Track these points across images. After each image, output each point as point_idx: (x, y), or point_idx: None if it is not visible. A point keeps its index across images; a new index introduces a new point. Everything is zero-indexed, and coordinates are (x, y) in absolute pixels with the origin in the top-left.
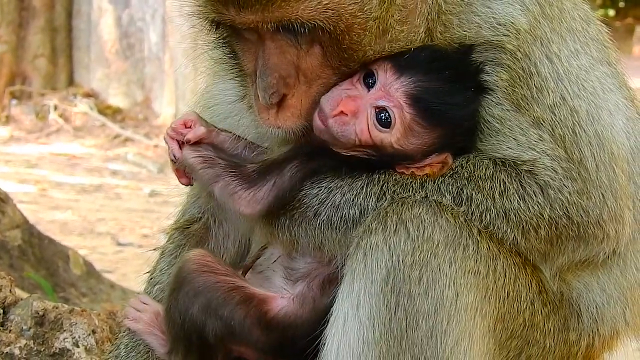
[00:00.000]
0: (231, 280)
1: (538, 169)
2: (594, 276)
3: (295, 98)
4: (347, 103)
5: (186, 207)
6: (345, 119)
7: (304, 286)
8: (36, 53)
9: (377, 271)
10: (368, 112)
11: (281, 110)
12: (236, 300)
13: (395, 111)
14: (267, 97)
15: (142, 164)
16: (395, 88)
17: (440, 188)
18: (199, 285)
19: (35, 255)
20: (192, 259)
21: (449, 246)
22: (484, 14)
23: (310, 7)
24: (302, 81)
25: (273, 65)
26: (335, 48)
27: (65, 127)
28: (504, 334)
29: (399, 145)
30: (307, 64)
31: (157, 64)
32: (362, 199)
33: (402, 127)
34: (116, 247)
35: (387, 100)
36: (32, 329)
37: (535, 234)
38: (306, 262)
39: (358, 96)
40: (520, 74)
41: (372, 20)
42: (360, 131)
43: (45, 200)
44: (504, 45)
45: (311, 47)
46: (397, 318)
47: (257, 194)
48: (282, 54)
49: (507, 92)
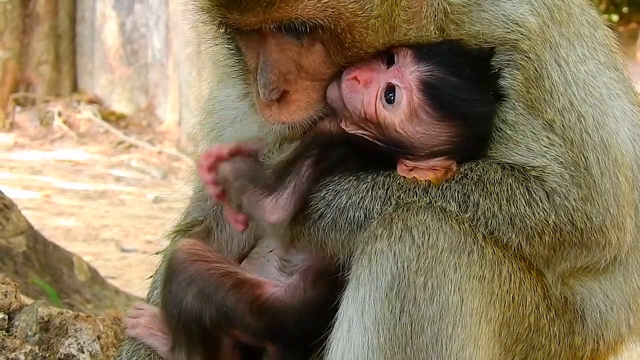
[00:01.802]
0: (223, 266)
1: (547, 175)
2: (597, 281)
3: (299, 93)
4: (363, 72)
5: (189, 210)
6: (357, 86)
7: (297, 276)
8: (40, 60)
9: (382, 277)
10: (380, 86)
11: (284, 105)
12: (228, 285)
13: (404, 92)
14: (266, 93)
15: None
16: (410, 71)
17: (446, 193)
18: (191, 273)
19: (40, 261)
20: (181, 248)
21: (453, 252)
22: (493, 12)
23: (309, 6)
24: (303, 77)
25: (273, 61)
26: (338, 46)
27: (69, 134)
28: (509, 339)
29: (403, 130)
30: (309, 62)
31: (161, 70)
32: (367, 202)
33: (408, 110)
34: (120, 253)
35: (399, 80)
36: (37, 335)
37: (539, 239)
38: (302, 258)
39: (376, 70)
40: (533, 74)
41: (374, 18)
42: (367, 102)
43: (49, 207)
44: (518, 44)
45: (313, 45)
46: (402, 324)
47: (279, 201)
48: (283, 51)
49: (521, 94)
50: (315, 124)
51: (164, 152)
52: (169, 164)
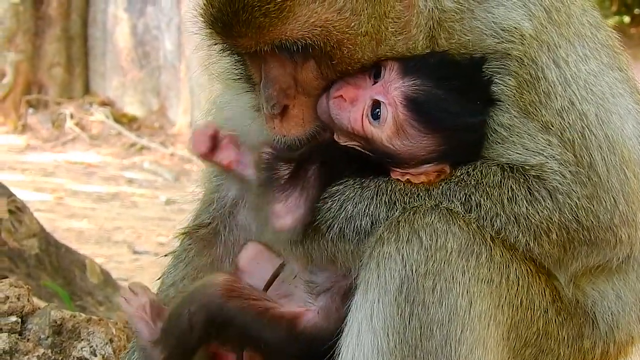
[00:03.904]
0: (259, 304)
1: (546, 174)
2: (609, 282)
3: (296, 108)
4: (349, 90)
5: (198, 212)
6: (343, 103)
7: (327, 298)
8: (52, 62)
9: (391, 281)
10: (365, 104)
11: (285, 120)
12: (267, 320)
13: (389, 109)
14: (269, 108)
15: (158, 172)
16: (395, 87)
17: (449, 195)
18: (229, 310)
19: (52, 264)
20: (218, 283)
21: (462, 254)
22: (485, 20)
23: (297, 27)
24: (301, 92)
25: (273, 77)
26: (329, 62)
27: (81, 136)
28: (517, 342)
29: (390, 144)
30: (304, 77)
31: (173, 72)
32: (373, 209)
33: (395, 126)
34: (132, 256)
35: (383, 97)
36: (50, 338)
37: (547, 238)
38: (325, 275)
39: (362, 86)
40: (527, 79)
41: (361, 35)
42: (353, 119)
43: (61, 209)
44: (510, 52)
45: (306, 62)
46: (412, 327)
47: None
48: (281, 67)
49: (514, 99)
50: (315, 137)
51: (176, 154)
52: (181, 166)
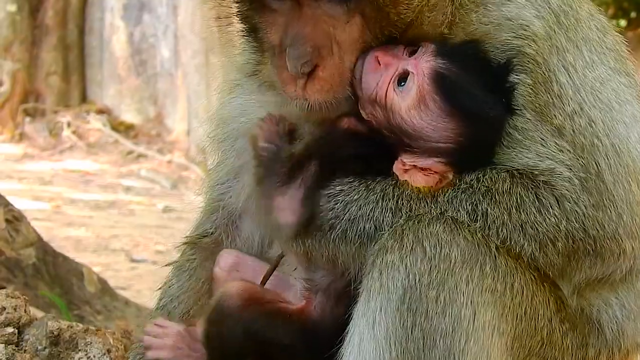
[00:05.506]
0: (273, 307)
1: (555, 180)
2: (613, 293)
3: (326, 71)
4: (386, 56)
5: (200, 222)
6: (377, 65)
7: (323, 297)
8: (49, 70)
9: (394, 290)
10: (396, 70)
11: (310, 82)
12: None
13: (416, 78)
14: (298, 66)
15: (156, 179)
16: (426, 60)
17: (455, 203)
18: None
19: (50, 273)
20: (233, 292)
21: (466, 264)
22: (499, 14)
23: None
24: (335, 52)
25: (308, 33)
26: (378, 20)
27: (78, 144)
28: (521, 352)
29: (409, 117)
30: (345, 35)
31: (170, 80)
32: (377, 213)
33: (417, 96)
34: (130, 264)
35: (414, 68)
36: (47, 349)
37: (552, 247)
38: (322, 275)
39: (397, 56)
40: (541, 79)
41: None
42: (381, 83)
43: (59, 217)
44: (524, 49)
45: (352, 18)
46: (414, 337)
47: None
48: (318, 23)
49: (529, 99)
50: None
51: (174, 161)
52: (178, 174)
